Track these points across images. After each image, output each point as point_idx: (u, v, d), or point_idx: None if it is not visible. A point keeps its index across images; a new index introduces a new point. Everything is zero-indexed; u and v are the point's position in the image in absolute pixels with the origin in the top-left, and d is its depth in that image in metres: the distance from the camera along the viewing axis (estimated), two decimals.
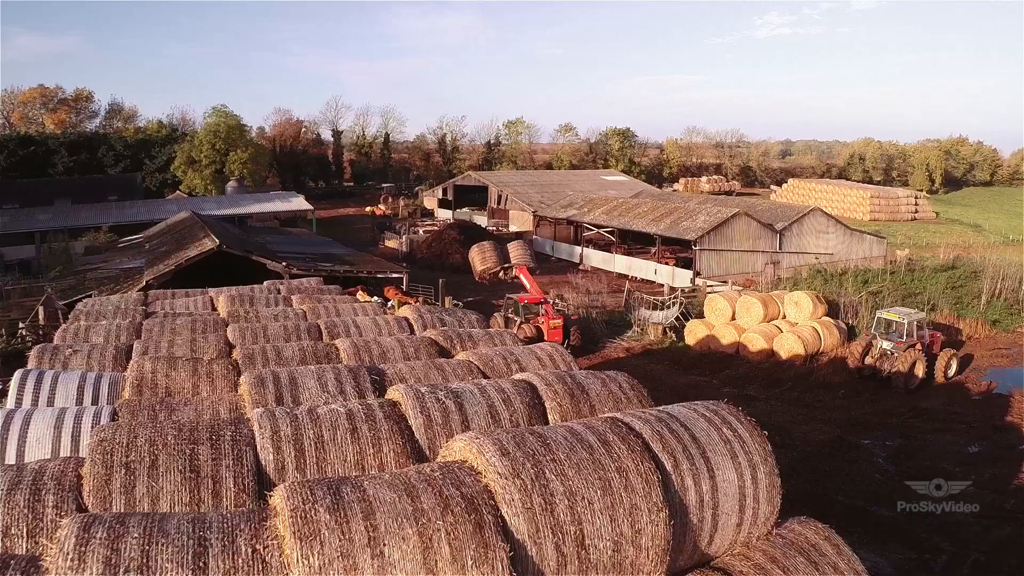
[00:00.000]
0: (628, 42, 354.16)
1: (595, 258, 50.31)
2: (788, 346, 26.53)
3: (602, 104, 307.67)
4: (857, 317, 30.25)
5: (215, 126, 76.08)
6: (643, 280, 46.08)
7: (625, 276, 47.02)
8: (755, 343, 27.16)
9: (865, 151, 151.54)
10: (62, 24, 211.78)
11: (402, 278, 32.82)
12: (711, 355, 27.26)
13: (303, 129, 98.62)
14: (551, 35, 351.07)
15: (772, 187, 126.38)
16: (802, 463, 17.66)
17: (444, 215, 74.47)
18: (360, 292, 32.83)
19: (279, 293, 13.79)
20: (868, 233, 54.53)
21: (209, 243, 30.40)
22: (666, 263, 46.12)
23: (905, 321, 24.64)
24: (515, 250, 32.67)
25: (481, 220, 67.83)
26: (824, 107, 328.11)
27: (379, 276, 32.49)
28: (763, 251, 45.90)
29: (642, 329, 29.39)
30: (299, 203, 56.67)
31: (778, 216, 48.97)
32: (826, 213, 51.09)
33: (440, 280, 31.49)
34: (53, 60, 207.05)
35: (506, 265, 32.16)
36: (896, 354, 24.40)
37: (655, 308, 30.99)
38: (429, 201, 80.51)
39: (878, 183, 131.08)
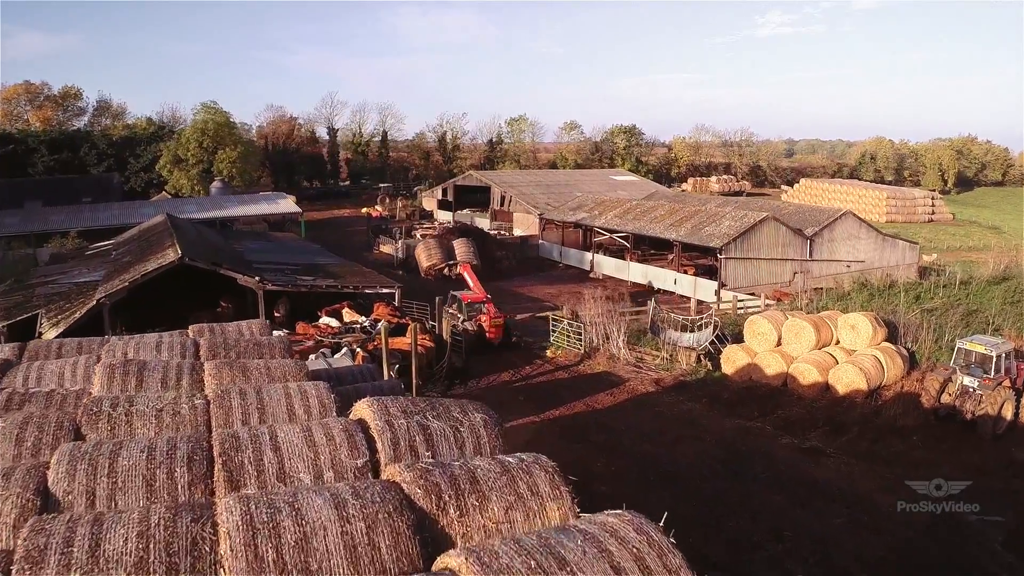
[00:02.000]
0: (629, 41, 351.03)
1: (607, 265, 46.24)
2: (847, 380, 22.48)
3: (604, 103, 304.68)
4: (917, 342, 26.13)
5: (203, 123, 72.12)
6: (661, 290, 42.04)
7: (643, 286, 42.95)
8: (807, 375, 23.12)
9: (876, 150, 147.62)
10: (64, 22, 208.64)
11: (394, 293, 28.76)
12: (755, 389, 23.19)
13: (297, 127, 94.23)
14: (553, 34, 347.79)
15: (783, 187, 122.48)
16: (902, 554, 13.62)
17: (444, 217, 70.35)
18: (346, 309, 28.82)
19: (196, 356, 9.56)
20: (900, 238, 50.37)
21: (171, 254, 26.41)
22: (685, 272, 42.08)
23: (993, 353, 20.58)
24: (460, 247, 32.52)
25: (483, 222, 63.71)
26: (826, 106, 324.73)
27: (368, 292, 28.40)
28: (792, 259, 41.84)
29: (671, 356, 25.27)
30: (287, 205, 52.47)
31: (807, 220, 44.89)
32: (858, 217, 46.99)
33: (437, 299, 27.34)
34: (53, 58, 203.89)
35: (451, 262, 31.98)
36: (982, 393, 20.37)
37: (685, 329, 26.90)
38: (428, 202, 76.41)
39: (889, 183, 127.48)
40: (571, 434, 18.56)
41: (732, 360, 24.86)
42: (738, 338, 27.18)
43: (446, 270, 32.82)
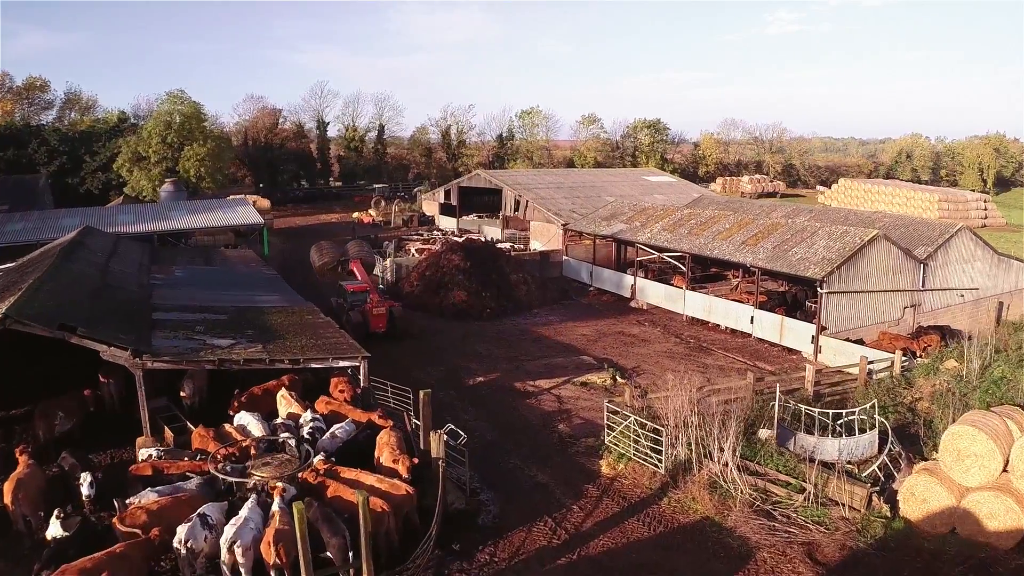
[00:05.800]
0: (635, 39, 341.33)
1: (654, 293, 36.02)
2: None
3: (612, 101, 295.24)
4: None
5: (167, 115, 62.15)
6: (729, 331, 31.84)
7: (703, 321, 32.79)
8: None
9: (913, 148, 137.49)
10: (66, 21, 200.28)
11: (359, 366, 18.48)
12: (981, 569, 12.88)
13: (280, 120, 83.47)
14: (559, 32, 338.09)
15: (819, 187, 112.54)
16: None
17: (447, 223, 60.19)
18: (283, 392, 18.59)
19: None
20: (1014, 258, 39.91)
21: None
22: (761, 304, 31.85)
23: None
24: (353, 247, 34.95)
25: (492, 230, 53.46)
26: (835, 104, 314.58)
27: (315, 367, 18.14)
28: (903, 290, 31.56)
29: (817, 489, 14.90)
30: (246, 214, 42.16)
31: (914, 238, 34.59)
32: (974, 233, 36.59)
33: (421, 394, 16.32)
34: (49, 57, 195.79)
35: (343, 259, 34.00)
36: None
37: (824, 430, 16.56)
38: (429, 206, 66.18)
39: (926, 183, 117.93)
40: None
41: (920, 498, 14.60)
42: (903, 436, 16.95)
43: (339, 267, 34.08)
